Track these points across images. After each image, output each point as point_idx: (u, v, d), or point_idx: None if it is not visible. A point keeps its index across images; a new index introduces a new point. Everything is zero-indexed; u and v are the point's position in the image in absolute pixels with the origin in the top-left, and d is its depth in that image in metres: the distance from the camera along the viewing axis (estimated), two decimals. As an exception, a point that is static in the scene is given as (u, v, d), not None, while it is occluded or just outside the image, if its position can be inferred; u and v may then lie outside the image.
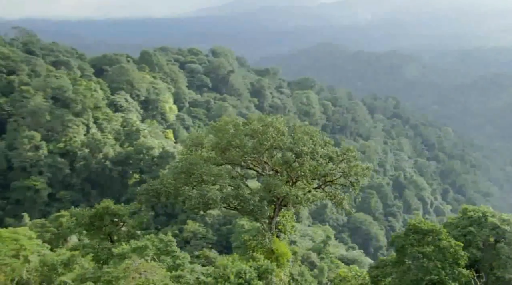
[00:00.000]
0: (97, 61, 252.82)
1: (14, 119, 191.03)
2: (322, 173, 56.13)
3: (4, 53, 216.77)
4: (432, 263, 45.90)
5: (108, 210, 55.21)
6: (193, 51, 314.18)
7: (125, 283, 36.11)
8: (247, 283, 36.91)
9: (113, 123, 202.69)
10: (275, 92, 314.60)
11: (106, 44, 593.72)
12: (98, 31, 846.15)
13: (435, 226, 49.46)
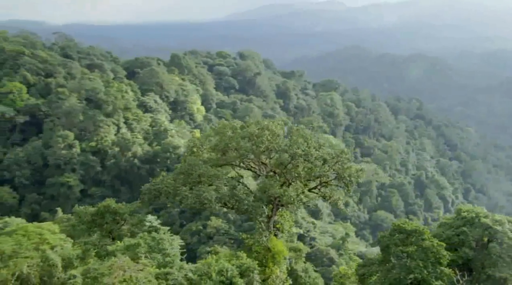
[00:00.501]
0: (130, 64, 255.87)
1: (50, 119, 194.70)
2: (316, 174, 56.57)
3: (43, 57, 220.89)
4: (414, 262, 46.40)
5: (109, 208, 56.34)
6: (222, 54, 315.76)
7: (109, 280, 36.96)
8: (229, 281, 37.64)
9: (142, 123, 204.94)
10: (300, 93, 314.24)
11: (143, 47, 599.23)
12: (137, 35, 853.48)
13: (418, 227, 49.97)
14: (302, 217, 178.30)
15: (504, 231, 57.36)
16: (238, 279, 37.90)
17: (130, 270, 38.18)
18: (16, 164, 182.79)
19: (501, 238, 57.40)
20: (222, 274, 37.90)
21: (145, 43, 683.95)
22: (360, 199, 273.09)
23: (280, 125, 60.62)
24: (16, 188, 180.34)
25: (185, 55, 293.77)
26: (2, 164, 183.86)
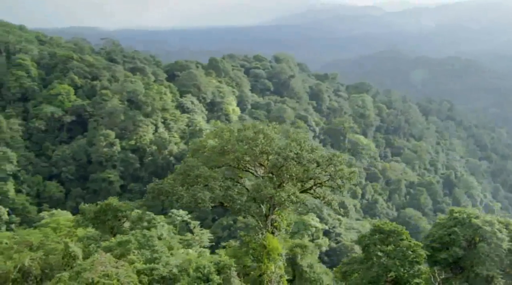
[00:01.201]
0: (170, 67, 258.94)
1: (94, 119, 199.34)
2: (309, 176, 56.87)
3: (90, 61, 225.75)
4: (392, 261, 46.68)
5: (110, 206, 57.28)
6: (258, 57, 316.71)
7: (89, 275, 37.84)
8: (205, 277, 38.20)
9: (179, 123, 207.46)
10: (333, 95, 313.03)
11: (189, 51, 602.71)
12: (183, 39, 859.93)
13: (397, 227, 50.12)
14: (328, 213, 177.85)
15: (493, 232, 57.71)
16: (214, 276, 38.49)
17: (110, 265, 39.00)
18: (63, 161, 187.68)
19: (490, 238, 58.00)
20: (200, 271, 38.54)
21: (191, 47, 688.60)
22: (389, 196, 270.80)
23: (276, 129, 60.77)
24: (62, 183, 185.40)
25: (223, 59, 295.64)
26: (51, 160, 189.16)
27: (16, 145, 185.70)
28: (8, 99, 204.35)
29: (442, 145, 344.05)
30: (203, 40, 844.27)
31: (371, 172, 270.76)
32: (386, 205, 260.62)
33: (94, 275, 36.82)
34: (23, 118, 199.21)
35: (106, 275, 37.37)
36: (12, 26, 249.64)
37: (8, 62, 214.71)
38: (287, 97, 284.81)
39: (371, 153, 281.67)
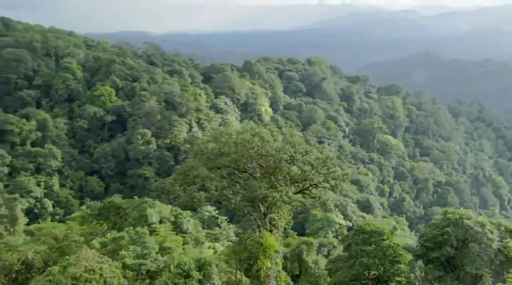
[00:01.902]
0: (207, 69, 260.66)
1: (133, 118, 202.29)
2: (302, 177, 56.71)
3: (131, 64, 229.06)
4: (372, 260, 46.42)
5: (113, 204, 58.01)
6: (292, 60, 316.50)
7: (74, 269, 38.46)
8: (186, 273, 38.50)
9: (212, 123, 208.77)
10: (364, 96, 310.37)
11: (231, 53, 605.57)
12: (226, 42, 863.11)
13: (379, 228, 49.79)
14: (353, 211, 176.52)
15: (484, 232, 57.62)
16: (194, 272, 38.78)
17: (94, 261, 39.60)
18: (103, 157, 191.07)
19: (481, 239, 58.10)
20: (180, 267, 38.87)
21: (233, 50, 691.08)
22: (416, 195, 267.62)
23: (275, 132, 60.72)
24: (103, 178, 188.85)
25: (258, 62, 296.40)
26: (93, 157, 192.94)
27: (61, 142, 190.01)
28: (55, 100, 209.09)
29: (471, 146, 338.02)
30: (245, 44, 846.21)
31: (399, 171, 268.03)
32: (413, 203, 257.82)
33: (78, 270, 37.52)
34: (69, 118, 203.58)
35: (90, 270, 38.01)
36: (62, 32, 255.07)
37: (56, 65, 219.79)
38: (319, 98, 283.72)
39: (400, 153, 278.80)
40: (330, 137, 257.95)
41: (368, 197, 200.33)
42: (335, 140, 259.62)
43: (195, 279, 38.25)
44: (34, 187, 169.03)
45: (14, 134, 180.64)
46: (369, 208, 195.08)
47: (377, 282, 47.30)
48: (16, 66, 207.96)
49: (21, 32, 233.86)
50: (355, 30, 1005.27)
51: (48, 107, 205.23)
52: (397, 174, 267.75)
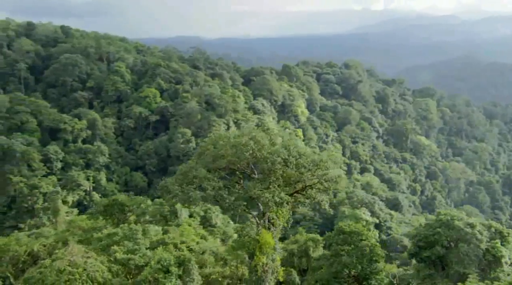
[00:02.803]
0: (247, 73, 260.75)
1: (175, 118, 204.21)
2: (295, 179, 56.10)
3: (175, 68, 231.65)
4: (350, 259, 45.82)
5: (116, 201, 58.58)
6: (330, 64, 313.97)
7: (59, 263, 39.04)
8: (165, 268, 38.65)
9: (249, 123, 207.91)
10: (399, 99, 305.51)
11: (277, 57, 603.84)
12: (273, 46, 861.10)
13: (358, 228, 49.20)
14: (380, 208, 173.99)
15: (474, 233, 57.39)
16: (173, 268, 38.90)
17: (79, 256, 40.12)
18: (147, 154, 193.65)
19: (470, 239, 57.10)
20: (160, 263, 39.05)
21: (279, 53, 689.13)
22: (448, 194, 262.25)
23: (273, 135, 60.20)
24: (146, 174, 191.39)
25: (297, 65, 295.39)
26: (137, 154, 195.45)
27: (109, 140, 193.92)
28: (106, 101, 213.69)
29: (504, 147, 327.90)
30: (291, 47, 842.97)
31: (431, 171, 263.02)
32: (445, 202, 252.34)
33: (62, 264, 38.17)
34: (117, 117, 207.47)
35: (74, 264, 38.59)
36: (114, 38, 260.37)
37: (108, 69, 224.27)
38: (354, 100, 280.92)
39: (432, 153, 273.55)
40: (364, 137, 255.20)
41: (397, 195, 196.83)
42: (369, 140, 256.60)
43: (174, 275, 38.42)
44: (84, 181, 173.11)
45: (67, 132, 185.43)
46: (398, 206, 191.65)
47: (357, 280, 46.74)
48: (72, 70, 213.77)
49: (78, 39, 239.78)
50: (397, 35, 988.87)
51: (99, 108, 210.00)
52: (429, 173, 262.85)
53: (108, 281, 39.45)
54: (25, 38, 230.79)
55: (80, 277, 37.21)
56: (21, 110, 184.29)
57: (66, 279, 37.02)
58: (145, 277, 38.13)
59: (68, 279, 37.08)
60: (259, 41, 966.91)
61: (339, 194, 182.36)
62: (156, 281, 37.71)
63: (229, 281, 60.27)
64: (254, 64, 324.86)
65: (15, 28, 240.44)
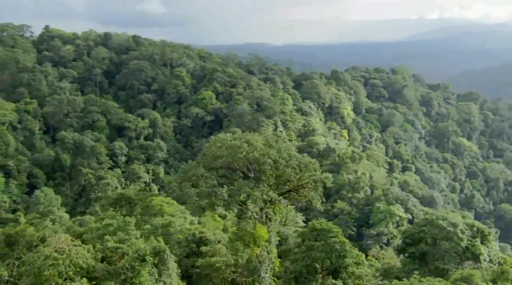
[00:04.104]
0: (298, 77, 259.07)
1: (228, 118, 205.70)
2: (285, 179, 55.61)
3: (230, 72, 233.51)
4: (318, 254, 45.33)
5: (124, 195, 59.42)
6: (378, 69, 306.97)
7: (47, 249, 40.14)
8: (142, 257, 39.19)
9: (296, 124, 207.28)
10: (443, 102, 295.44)
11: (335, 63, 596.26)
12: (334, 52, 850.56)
13: (328, 226, 48.44)
14: (414, 205, 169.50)
15: (455, 232, 57.77)
16: (149, 257, 39.40)
17: (65, 244, 41.19)
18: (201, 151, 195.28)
19: (451, 237, 56.88)
20: (137, 253, 39.63)
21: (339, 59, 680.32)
22: (487, 193, 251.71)
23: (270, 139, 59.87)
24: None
25: (346, 71, 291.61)
26: (193, 150, 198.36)
27: (168, 137, 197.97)
28: (168, 102, 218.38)
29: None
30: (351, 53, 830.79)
31: (471, 170, 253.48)
32: (483, 200, 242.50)
33: (48, 250, 39.45)
34: (177, 117, 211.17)
35: (60, 250, 39.79)
36: (178, 46, 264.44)
37: (170, 73, 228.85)
38: (399, 103, 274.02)
39: (472, 154, 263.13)
40: (406, 138, 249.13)
41: (432, 193, 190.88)
42: (411, 141, 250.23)
43: (149, 263, 39.00)
44: (144, 174, 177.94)
45: (131, 130, 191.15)
46: (433, 203, 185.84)
47: (330, 273, 46.44)
48: (139, 74, 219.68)
49: (146, 47, 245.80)
50: (450, 42, 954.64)
51: (161, 108, 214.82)
52: (469, 173, 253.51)
53: (91, 267, 40.67)
54: (102, 47, 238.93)
55: (63, 262, 38.49)
56: (93, 110, 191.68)
57: (50, 264, 38.40)
58: (123, 265, 39.00)
59: (52, 263, 38.44)
60: (321, 47, 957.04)
61: (376, 191, 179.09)
62: (133, 268, 38.43)
63: (233, 270, 60.24)
64: (315, 68, 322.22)
65: (94, 38, 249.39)
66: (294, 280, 46.10)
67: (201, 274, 59.94)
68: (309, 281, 45.28)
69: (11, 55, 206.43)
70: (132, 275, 38.51)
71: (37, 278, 38.44)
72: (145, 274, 38.53)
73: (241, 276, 59.11)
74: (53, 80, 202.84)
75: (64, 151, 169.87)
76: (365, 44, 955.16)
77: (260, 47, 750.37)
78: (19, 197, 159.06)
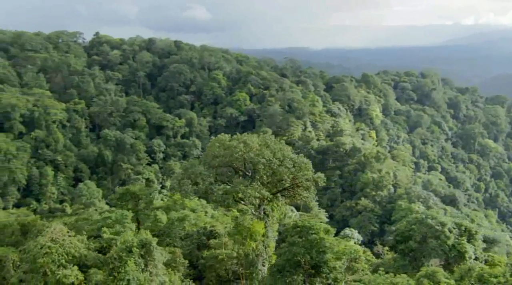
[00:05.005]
0: (330, 80, 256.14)
1: (260, 119, 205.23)
2: (278, 178, 55.20)
3: (264, 75, 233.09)
4: (299, 249, 45.07)
5: (129, 191, 59.88)
6: (408, 73, 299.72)
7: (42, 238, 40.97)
8: (129, 249, 39.59)
9: (325, 124, 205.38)
10: (471, 105, 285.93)
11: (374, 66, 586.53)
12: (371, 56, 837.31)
13: (310, 224, 47.77)
14: (435, 203, 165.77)
15: (443, 231, 57.56)
16: (136, 249, 39.72)
17: (60, 234, 41.94)
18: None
19: (439, 236, 56.55)
20: (125, 244, 40.05)
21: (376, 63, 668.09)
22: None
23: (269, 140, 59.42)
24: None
25: (377, 74, 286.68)
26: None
27: (203, 136, 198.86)
28: (205, 103, 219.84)
29: None
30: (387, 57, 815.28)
31: (496, 171, 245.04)
32: (507, 199, 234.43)
33: (43, 240, 40.41)
34: (213, 117, 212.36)
35: (55, 240, 40.68)
36: (217, 50, 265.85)
37: (208, 76, 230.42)
38: (428, 106, 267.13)
39: (498, 155, 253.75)
40: (433, 139, 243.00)
41: (454, 192, 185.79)
42: (438, 142, 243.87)
43: (136, 254, 39.38)
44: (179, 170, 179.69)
45: (169, 129, 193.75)
46: (455, 202, 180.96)
47: (311, 268, 46.13)
48: (178, 77, 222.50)
49: (186, 51, 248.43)
50: (485, 47, 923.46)
51: (199, 108, 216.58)
52: (494, 173, 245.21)
53: (83, 256, 41.46)
54: (146, 51, 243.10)
55: (56, 251, 39.41)
56: (134, 110, 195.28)
57: (45, 252, 39.40)
58: (112, 255, 39.60)
59: (46, 252, 39.43)
60: (359, 51, 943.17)
61: (399, 189, 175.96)
62: (120, 258, 38.96)
63: (235, 262, 60.39)
64: (353, 71, 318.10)
65: (139, 43, 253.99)
66: (278, 273, 45.91)
67: (205, 265, 60.28)
68: (291, 274, 44.97)
69: (64, 60, 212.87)
70: (119, 264, 39.00)
71: (33, 265, 39.59)
72: (131, 264, 38.94)
73: (242, 267, 59.17)
74: (100, 82, 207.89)
75: (107, 147, 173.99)
76: (400, 49, 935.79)
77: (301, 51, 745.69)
78: (66, 189, 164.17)
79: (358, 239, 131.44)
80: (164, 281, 41.59)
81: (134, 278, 38.86)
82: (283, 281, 44.99)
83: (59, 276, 38.74)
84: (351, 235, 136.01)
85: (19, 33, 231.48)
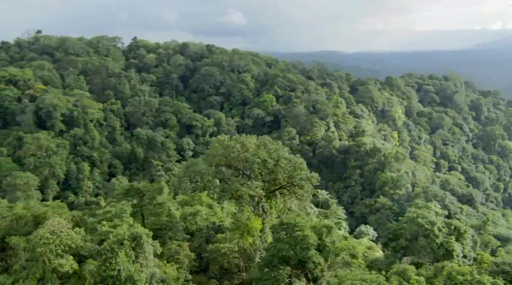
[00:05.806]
0: (355, 83, 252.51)
1: (285, 119, 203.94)
2: (273, 177, 54.56)
3: (290, 78, 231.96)
4: (283, 245, 44.56)
5: (132, 187, 59.96)
6: (432, 76, 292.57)
7: (42, 230, 41.60)
8: (120, 241, 39.82)
9: (348, 125, 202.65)
10: (492, 108, 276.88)
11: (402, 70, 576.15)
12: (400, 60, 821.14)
13: (295, 221, 47.05)
14: (452, 202, 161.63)
15: (432, 230, 54.83)
16: (127, 241, 39.91)
17: (58, 226, 42.49)
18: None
19: (428, 234, 54.45)
20: (116, 237, 40.28)
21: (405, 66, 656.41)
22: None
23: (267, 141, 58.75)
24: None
25: (401, 77, 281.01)
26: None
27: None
28: (233, 104, 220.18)
29: None
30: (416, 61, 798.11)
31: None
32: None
33: (43, 231, 41.10)
34: (241, 117, 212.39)
35: (53, 232, 41.32)
36: (247, 54, 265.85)
37: (237, 78, 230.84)
38: (450, 108, 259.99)
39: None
40: (454, 140, 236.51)
41: (471, 192, 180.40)
42: (458, 143, 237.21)
43: (127, 246, 39.60)
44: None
45: (198, 128, 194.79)
46: (471, 201, 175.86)
47: (298, 262, 45.77)
48: (209, 79, 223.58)
49: (217, 55, 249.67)
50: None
51: (228, 109, 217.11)
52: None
53: (79, 247, 42.01)
54: (179, 55, 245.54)
55: (53, 241, 40.12)
56: (166, 110, 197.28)
57: (43, 243, 40.14)
58: (105, 247, 39.99)
59: (44, 242, 40.17)
60: (389, 55, 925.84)
61: (416, 188, 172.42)
62: (112, 250, 39.30)
63: (236, 255, 60.25)
64: (381, 74, 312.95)
65: (174, 47, 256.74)
66: (265, 267, 45.60)
67: (209, 257, 60.25)
68: (277, 269, 44.51)
69: (103, 63, 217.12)
70: (111, 255, 39.30)
71: (33, 254, 40.41)
72: (122, 256, 39.17)
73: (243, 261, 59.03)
74: (136, 84, 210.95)
75: (139, 145, 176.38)
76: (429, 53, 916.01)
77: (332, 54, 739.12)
78: (101, 184, 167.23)
79: (373, 236, 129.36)
80: (154, 272, 41.70)
81: (124, 269, 39.06)
82: (270, 274, 44.62)
83: (55, 264, 39.42)
84: (366, 232, 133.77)
85: (63, 38, 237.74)
